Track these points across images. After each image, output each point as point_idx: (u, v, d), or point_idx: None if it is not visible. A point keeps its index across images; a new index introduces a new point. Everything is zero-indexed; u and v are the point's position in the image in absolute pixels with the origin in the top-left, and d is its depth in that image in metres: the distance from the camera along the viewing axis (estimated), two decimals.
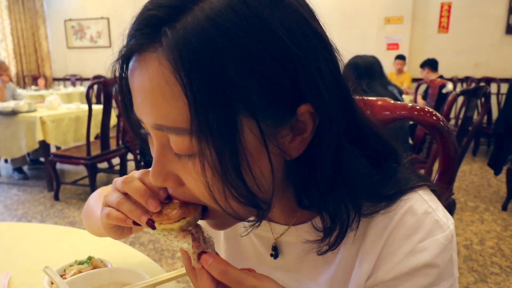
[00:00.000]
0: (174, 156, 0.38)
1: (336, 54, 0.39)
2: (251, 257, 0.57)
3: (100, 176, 3.86)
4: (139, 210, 0.42)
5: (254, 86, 0.33)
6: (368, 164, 0.42)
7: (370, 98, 0.80)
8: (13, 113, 3.31)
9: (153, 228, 0.41)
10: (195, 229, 0.42)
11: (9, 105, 3.34)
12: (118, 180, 0.47)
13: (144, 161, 2.75)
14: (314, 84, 0.36)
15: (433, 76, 4.57)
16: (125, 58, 0.38)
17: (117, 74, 0.40)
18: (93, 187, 3.15)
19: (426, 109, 0.83)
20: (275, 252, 0.53)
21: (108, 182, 3.74)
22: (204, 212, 0.42)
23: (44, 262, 0.77)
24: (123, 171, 3.54)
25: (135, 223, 0.43)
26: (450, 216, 0.44)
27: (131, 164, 3.88)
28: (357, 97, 0.43)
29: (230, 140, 0.34)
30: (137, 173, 0.46)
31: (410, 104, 0.85)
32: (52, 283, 0.65)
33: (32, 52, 8.34)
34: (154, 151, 0.40)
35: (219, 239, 0.61)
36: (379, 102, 0.84)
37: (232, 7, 0.33)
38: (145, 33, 0.35)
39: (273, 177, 0.38)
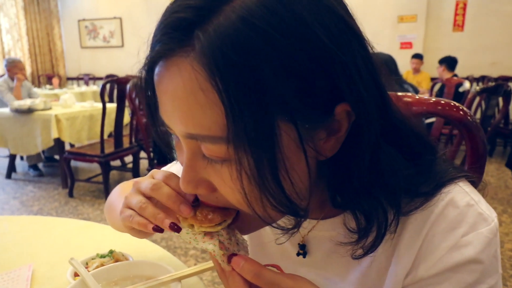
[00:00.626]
0: (206, 162, 0.37)
1: (371, 51, 0.38)
2: (274, 252, 0.55)
3: (113, 174, 3.89)
4: (161, 214, 0.41)
5: (291, 89, 0.32)
6: (405, 160, 0.41)
7: (397, 93, 0.78)
8: (29, 111, 3.37)
9: (178, 231, 0.40)
10: (227, 230, 0.41)
11: (26, 103, 3.39)
12: (142, 184, 0.45)
13: (157, 160, 2.76)
14: (352, 83, 0.34)
15: (447, 75, 4.49)
16: (152, 63, 0.36)
17: (143, 79, 0.38)
18: (106, 184, 3.18)
19: (452, 104, 0.81)
20: (303, 250, 0.51)
21: (120, 180, 3.77)
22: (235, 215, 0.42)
23: (66, 255, 0.77)
24: (135, 169, 3.57)
25: (156, 228, 0.42)
26: (493, 209, 0.42)
27: (143, 162, 3.91)
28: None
29: (268, 147, 0.32)
30: (159, 175, 0.45)
31: (434, 99, 0.83)
32: (75, 275, 0.65)
33: (46, 52, 8.48)
34: (183, 157, 0.39)
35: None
36: (404, 98, 0.81)
37: (266, 6, 0.31)
38: (174, 37, 0.33)
39: (309, 180, 0.37)
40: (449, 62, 4.59)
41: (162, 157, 2.71)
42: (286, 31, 0.31)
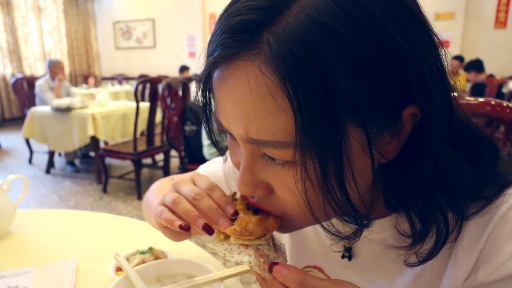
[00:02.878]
0: (264, 163, 0.36)
1: (440, 47, 0.36)
2: (317, 254, 0.54)
3: (144, 172, 4.00)
4: (196, 213, 0.40)
5: (362, 92, 0.30)
6: (468, 165, 0.38)
7: None
8: (68, 109, 3.52)
9: (210, 233, 0.39)
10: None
11: (64, 102, 3.55)
12: (183, 188, 0.43)
13: (188, 158, 2.80)
14: (424, 84, 0.32)
15: (481, 77, 4.27)
16: (213, 67, 0.35)
17: (202, 81, 0.38)
18: (138, 181, 3.27)
19: (505, 104, 0.76)
20: (349, 253, 0.49)
21: (151, 178, 3.86)
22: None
23: (107, 249, 0.79)
24: (166, 168, 3.64)
25: (182, 226, 0.41)
26: None
27: (174, 161, 3.99)
28: None
29: (336, 153, 0.31)
30: (202, 183, 0.43)
31: (483, 99, 0.78)
32: (117, 270, 0.66)
33: (83, 53, 8.87)
34: (236, 156, 0.38)
35: (284, 234, 0.58)
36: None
37: (336, 3, 0.30)
38: (240, 40, 0.31)
39: (372, 186, 0.36)
40: (476, 66, 4.37)
41: (193, 156, 2.75)
42: (358, 31, 0.29)
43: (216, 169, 0.67)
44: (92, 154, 4.27)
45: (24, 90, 4.73)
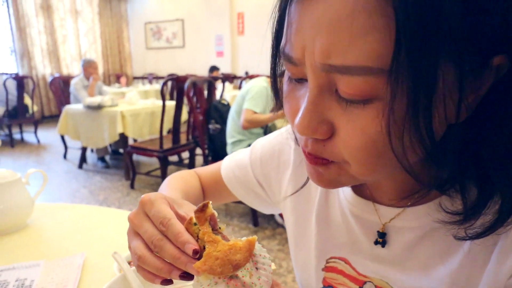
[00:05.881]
0: (333, 100, 0.32)
1: None
2: (344, 244, 0.50)
3: (170, 169, 4.07)
4: (165, 268, 0.37)
5: (465, 26, 0.27)
6: None
7: None
8: (99, 107, 3.65)
9: (190, 279, 0.36)
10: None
11: (96, 100, 3.69)
12: (142, 231, 0.39)
13: (212, 156, 2.82)
14: None
15: None
16: None
17: (277, 11, 0.36)
18: (164, 178, 3.33)
19: None
20: (383, 239, 0.45)
21: None
22: None
23: (116, 247, 0.79)
24: (191, 165, 3.69)
25: (164, 282, 0.38)
26: None
27: (199, 159, 4.03)
28: None
29: (430, 85, 0.28)
30: (155, 219, 0.39)
31: None
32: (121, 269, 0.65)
33: (116, 53, 9.20)
34: (294, 104, 0.36)
35: (310, 221, 0.55)
36: None
37: None
38: None
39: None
40: None
41: (216, 154, 2.76)
42: None
43: (243, 156, 0.66)
44: (121, 150, 4.41)
45: (61, 89, 4.96)
